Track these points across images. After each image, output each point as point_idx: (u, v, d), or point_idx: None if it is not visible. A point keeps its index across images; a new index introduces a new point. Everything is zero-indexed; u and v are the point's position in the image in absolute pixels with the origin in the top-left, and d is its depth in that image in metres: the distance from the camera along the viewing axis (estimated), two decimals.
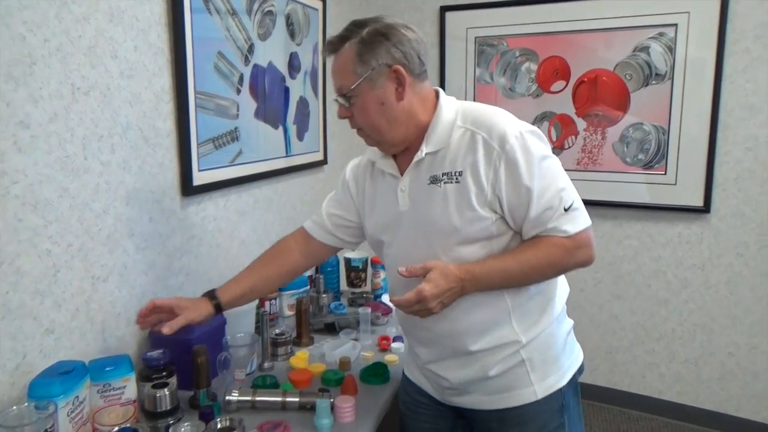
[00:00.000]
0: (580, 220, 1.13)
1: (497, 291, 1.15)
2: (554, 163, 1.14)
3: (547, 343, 1.21)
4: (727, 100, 2.45)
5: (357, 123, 1.19)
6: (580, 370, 1.29)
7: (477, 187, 1.10)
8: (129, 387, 1.23)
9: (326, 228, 1.40)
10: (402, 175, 1.21)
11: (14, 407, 1.02)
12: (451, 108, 1.18)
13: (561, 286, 1.26)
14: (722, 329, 2.62)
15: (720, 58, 2.42)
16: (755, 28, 2.36)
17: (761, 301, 2.52)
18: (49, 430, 0.98)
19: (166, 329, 1.21)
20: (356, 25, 1.14)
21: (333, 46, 1.16)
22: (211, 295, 1.32)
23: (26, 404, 1.03)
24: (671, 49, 2.51)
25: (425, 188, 1.16)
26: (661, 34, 2.52)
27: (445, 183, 1.14)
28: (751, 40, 2.38)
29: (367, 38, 1.11)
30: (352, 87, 1.13)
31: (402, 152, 1.22)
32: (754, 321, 2.55)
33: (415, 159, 1.17)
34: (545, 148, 1.13)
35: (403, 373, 1.43)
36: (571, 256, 1.13)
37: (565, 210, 1.11)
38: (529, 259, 1.12)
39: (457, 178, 1.12)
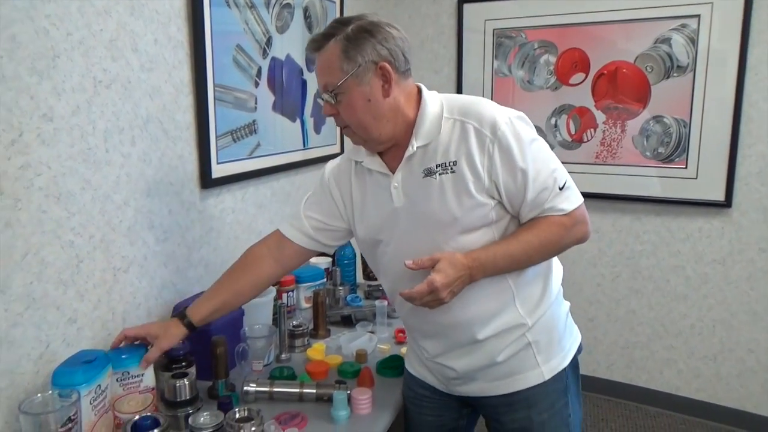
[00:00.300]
0: (573, 198, 1.17)
1: (500, 276, 1.17)
2: (543, 145, 1.16)
3: (551, 324, 1.24)
4: (750, 93, 2.41)
5: (343, 120, 1.18)
6: (579, 350, 1.32)
7: (473, 175, 1.12)
8: (147, 375, 1.24)
9: (306, 232, 1.34)
10: (393, 172, 1.21)
11: (39, 395, 1.04)
12: (435, 101, 1.19)
13: (555, 266, 1.29)
14: (742, 325, 2.59)
15: (744, 50, 2.37)
16: None
17: None
18: (72, 417, 1.00)
19: (144, 365, 1.23)
20: (340, 23, 1.14)
21: (317, 43, 1.15)
22: (181, 315, 1.30)
23: (50, 392, 1.05)
24: (693, 41, 2.46)
25: (420, 182, 1.16)
26: (683, 26, 2.47)
27: (440, 174, 1.14)
28: None
29: (353, 35, 1.11)
30: (339, 84, 1.12)
31: (389, 149, 1.22)
32: None
33: (407, 154, 1.17)
34: (533, 131, 1.16)
35: (405, 368, 1.43)
36: (570, 234, 1.17)
37: (560, 189, 1.14)
38: (530, 240, 1.14)
39: (452, 168, 1.13)
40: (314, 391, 1.34)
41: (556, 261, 1.29)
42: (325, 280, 2.01)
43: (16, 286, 1.11)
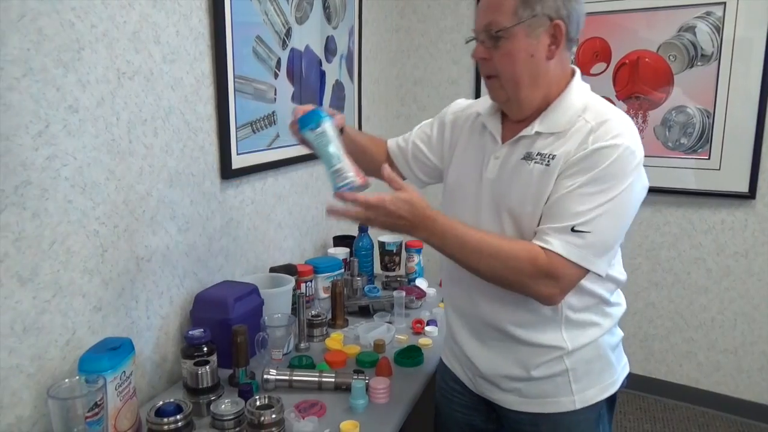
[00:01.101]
0: (575, 252, 0.99)
1: None
2: (621, 197, 0.99)
3: (594, 354, 1.15)
4: None
5: (493, 69, 1.07)
6: (623, 384, 1.23)
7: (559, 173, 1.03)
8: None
9: (405, 156, 1.37)
10: (503, 141, 1.14)
11: (66, 380, 1.06)
12: (581, 95, 1.09)
13: (618, 298, 1.20)
14: (765, 318, 2.55)
15: None
16: None
17: None
18: (99, 402, 1.03)
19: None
20: None
21: None
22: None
23: (77, 377, 1.07)
24: (719, 29, 2.42)
25: (516, 162, 1.09)
26: (708, 14, 2.43)
27: (535, 163, 1.06)
28: None
29: None
30: (508, 27, 1.01)
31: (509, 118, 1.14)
32: None
33: (523, 133, 1.09)
34: (630, 175, 1.00)
35: (441, 358, 1.41)
36: (534, 276, 1.00)
37: (571, 230, 0.99)
38: (491, 243, 1.03)
39: (548, 161, 1.04)
40: (333, 379, 1.36)
41: (620, 293, 1.21)
42: (343, 270, 2.03)
43: (44, 274, 1.14)
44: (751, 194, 2.47)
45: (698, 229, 2.64)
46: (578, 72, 1.14)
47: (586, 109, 1.07)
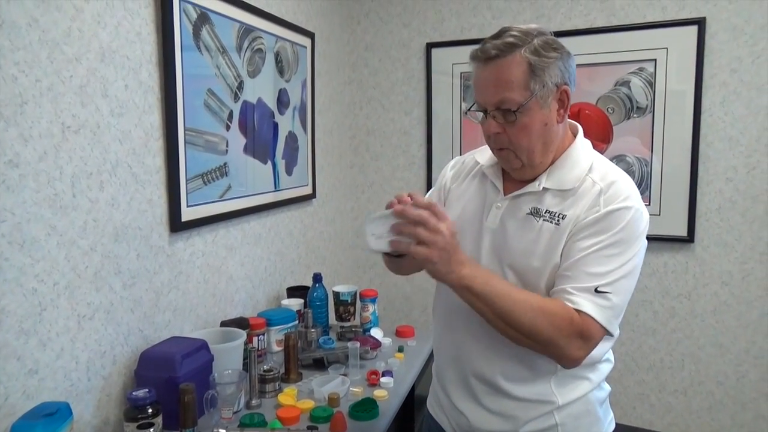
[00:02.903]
0: (604, 311, 1.01)
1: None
2: (633, 254, 1.04)
3: (583, 410, 1.15)
4: (706, 133, 2.51)
5: (507, 142, 1.07)
6: None
7: (569, 232, 1.04)
8: None
9: None
10: (505, 192, 1.14)
11: None
12: (587, 154, 1.10)
13: (610, 356, 1.22)
14: (710, 358, 2.63)
15: (698, 92, 2.49)
16: (731, 62, 2.44)
17: (747, 330, 2.54)
18: None
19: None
20: (521, 32, 1.02)
21: (498, 50, 1.01)
22: None
23: None
24: (651, 84, 2.58)
25: (522, 216, 1.09)
26: (641, 69, 2.59)
27: (544, 220, 1.07)
28: (727, 73, 2.45)
29: (542, 50, 1.02)
30: (524, 103, 1.01)
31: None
32: (740, 350, 2.56)
33: (530, 189, 1.10)
34: (640, 237, 1.05)
35: (426, 408, 1.37)
36: (569, 336, 0.99)
37: (595, 291, 1.00)
38: (532, 304, 1.00)
39: (558, 220, 1.05)
40: None
41: (610, 353, 1.21)
42: (297, 322, 1.99)
43: None
44: (690, 238, 2.58)
45: (644, 272, 2.72)
46: (580, 128, 1.15)
47: (593, 168, 1.08)
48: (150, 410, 1.26)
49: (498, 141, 1.08)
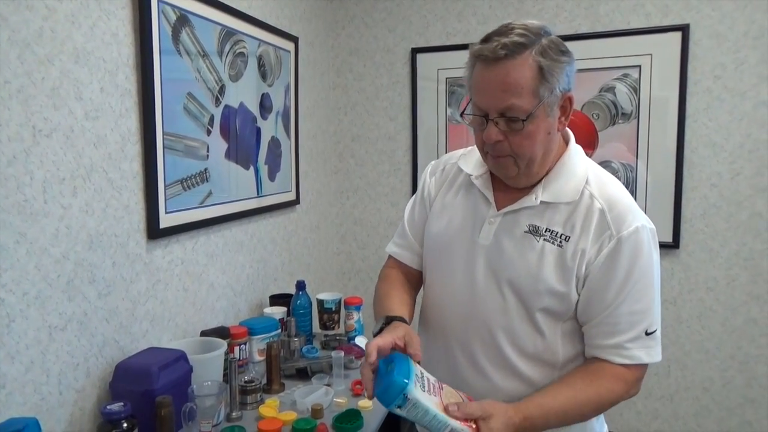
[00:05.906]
0: (654, 351, 1.02)
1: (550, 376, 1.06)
2: (657, 273, 1.03)
3: (579, 427, 1.12)
4: (690, 139, 2.52)
5: (508, 149, 0.99)
6: None
7: (574, 262, 1.00)
8: None
9: (414, 250, 1.23)
10: (497, 205, 1.07)
11: None
12: (581, 162, 1.06)
13: None
14: (696, 364, 2.63)
15: (683, 98, 2.49)
16: (714, 69, 2.45)
17: (732, 335, 2.54)
18: None
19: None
20: (527, 30, 0.94)
21: (508, 49, 0.92)
22: (396, 318, 1.08)
23: None
24: (636, 90, 2.58)
25: (520, 234, 1.04)
26: (625, 75, 2.59)
27: (545, 240, 1.01)
28: (711, 80, 2.46)
29: (551, 52, 0.94)
30: (532, 110, 0.94)
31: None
32: (726, 355, 2.56)
33: (527, 204, 1.04)
34: (656, 253, 1.03)
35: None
36: (629, 392, 1.02)
37: (646, 334, 1.00)
38: (590, 398, 1.00)
39: (560, 242, 1.00)
40: None
41: None
42: (279, 330, 1.95)
43: None
44: (675, 244, 2.58)
45: None
46: (572, 135, 1.10)
47: (588, 177, 1.04)
48: (125, 425, 1.22)
49: (498, 149, 1.01)
